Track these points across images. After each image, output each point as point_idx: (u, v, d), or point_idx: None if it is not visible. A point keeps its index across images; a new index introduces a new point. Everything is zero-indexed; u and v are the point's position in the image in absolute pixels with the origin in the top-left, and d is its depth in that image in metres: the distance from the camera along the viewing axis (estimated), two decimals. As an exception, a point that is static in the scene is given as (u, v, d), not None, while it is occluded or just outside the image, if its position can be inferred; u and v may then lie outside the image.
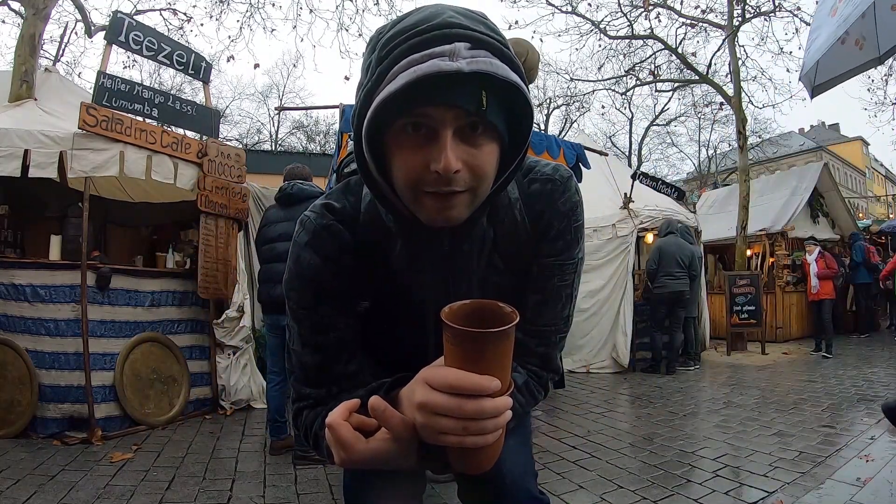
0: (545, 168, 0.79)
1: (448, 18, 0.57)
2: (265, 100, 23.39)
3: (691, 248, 5.89)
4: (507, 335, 0.52)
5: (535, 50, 3.61)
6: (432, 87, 0.54)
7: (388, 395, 0.61)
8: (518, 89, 0.58)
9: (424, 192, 0.60)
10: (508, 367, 0.54)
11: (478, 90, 0.56)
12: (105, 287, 3.53)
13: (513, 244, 0.77)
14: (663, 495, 2.39)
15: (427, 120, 0.57)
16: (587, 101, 17.24)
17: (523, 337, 0.77)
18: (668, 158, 24.76)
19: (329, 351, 0.74)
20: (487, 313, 0.55)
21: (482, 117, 0.58)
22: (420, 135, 0.59)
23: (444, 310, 0.54)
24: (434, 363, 0.56)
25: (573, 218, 0.78)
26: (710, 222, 9.18)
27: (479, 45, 0.56)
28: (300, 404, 0.77)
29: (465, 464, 0.60)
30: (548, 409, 4.13)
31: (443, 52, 0.54)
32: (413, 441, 0.56)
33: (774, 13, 9.73)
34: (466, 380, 0.50)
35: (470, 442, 0.52)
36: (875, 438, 3.08)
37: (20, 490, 2.41)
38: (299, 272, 0.73)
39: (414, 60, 0.54)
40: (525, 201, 0.77)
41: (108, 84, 3.58)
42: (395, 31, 0.58)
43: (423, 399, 0.52)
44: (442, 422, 0.52)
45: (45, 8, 4.48)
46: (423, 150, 0.59)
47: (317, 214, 0.75)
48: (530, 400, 0.79)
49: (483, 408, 0.50)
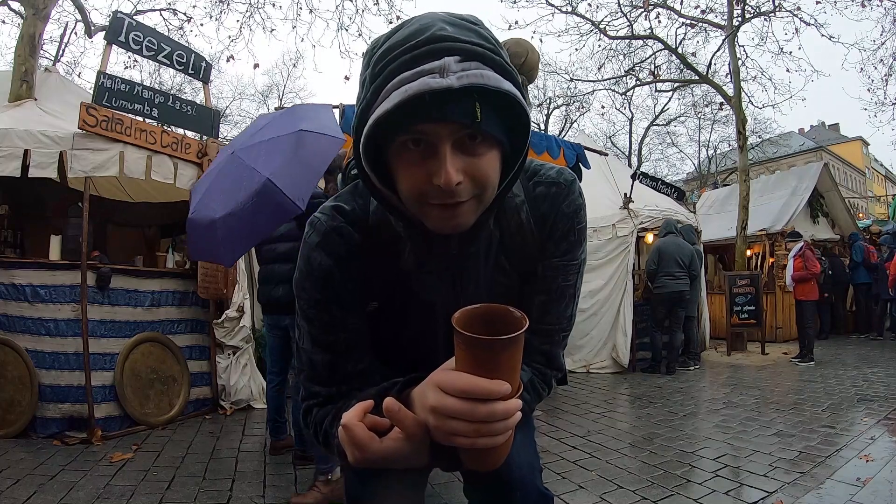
0: (550, 171, 0.81)
1: (437, 32, 0.56)
2: (265, 100, 23.36)
3: (691, 248, 5.89)
4: (517, 341, 0.53)
5: (535, 50, 3.61)
6: (425, 104, 0.54)
7: (400, 395, 0.62)
8: (514, 97, 0.58)
9: (430, 204, 0.62)
10: (518, 371, 0.55)
11: (471, 103, 0.56)
12: (105, 287, 3.53)
13: (518, 245, 0.78)
14: (663, 495, 2.39)
15: (425, 136, 0.58)
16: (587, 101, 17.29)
17: (528, 336, 0.77)
18: (668, 158, 24.70)
19: (338, 350, 0.76)
20: (497, 317, 0.56)
21: (478, 128, 0.58)
22: (420, 150, 0.59)
23: (455, 315, 0.54)
24: (444, 365, 0.57)
25: (577, 220, 0.79)
26: (710, 222, 9.18)
27: (470, 56, 0.56)
28: (310, 402, 0.78)
29: (476, 462, 0.61)
30: (548, 409, 4.13)
31: (432, 69, 0.54)
32: (425, 441, 0.58)
33: (774, 13, 9.74)
34: (478, 385, 0.51)
35: (481, 443, 0.54)
36: (875, 438, 3.08)
37: (20, 490, 2.41)
38: (310, 272, 0.74)
39: (405, 79, 0.55)
40: (530, 204, 0.78)
41: (108, 84, 3.58)
42: (386, 46, 0.59)
43: (436, 403, 0.54)
44: (454, 424, 0.53)
45: (45, 8, 4.48)
46: (424, 165, 0.59)
47: (327, 216, 0.76)
48: (535, 397, 0.81)
49: (494, 411, 0.52)
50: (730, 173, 20.61)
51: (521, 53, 3.44)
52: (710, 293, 8.06)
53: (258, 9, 8.86)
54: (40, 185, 3.97)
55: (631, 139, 22.50)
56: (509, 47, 3.48)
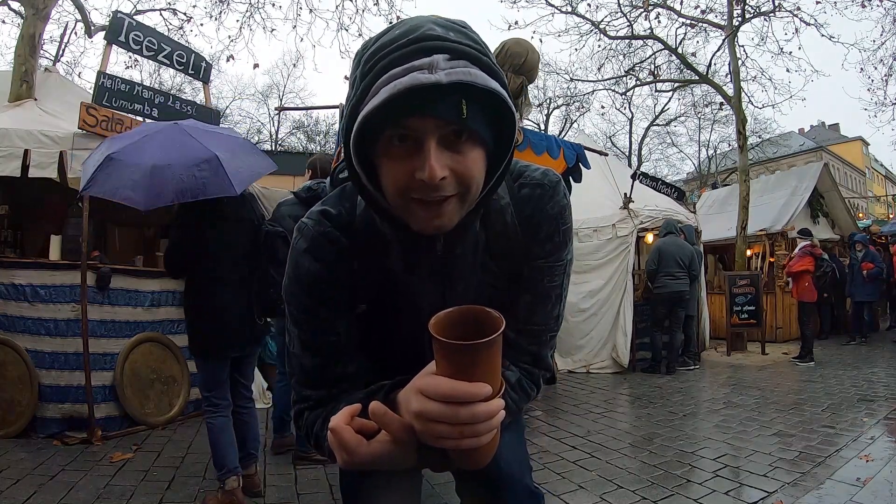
0: (535, 173, 0.81)
1: (427, 31, 0.58)
2: (265, 100, 23.39)
3: (691, 248, 5.90)
4: (493, 343, 0.53)
5: (535, 50, 3.61)
6: (414, 99, 0.56)
7: (387, 398, 0.63)
8: (500, 95, 0.60)
9: (413, 200, 0.62)
10: (498, 371, 0.56)
11: (458, 99, 0.58)
12: (105, 287, 3.52)
13: (504, 247, 0.79)
14: (663, 495, 2.39)
15: (411, 131, 0.59)
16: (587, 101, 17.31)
17: (516, 336, 0.80)
18: (668, 158, 24.73)
19: (328, 354, 0.76)
20: (475, 318, 0.57)
21: (464, 125, 0.59)
22: (406, 145, 0.60)
23: (432, 321, 0.55)
24: (427, 369, 0.58)
25: (561, 221, 0.80)
26: (710, 222, 9.18)
27: (458, 55, 0.58)
28: (301, 406, 0.79)
29: (464, 461, 0.62)
30: (548, 409, 4.13)
31: (422, 65, 0.56)
32: (412, 442, 0.59)
33: (774, 13, 9.75)
34: (459, 389, 0.52)
35: (466, 444, 0.55)
36: (875, 438, 3.08)
37: (20, 490, 2.41)
38: (298, 278, 0.75)
39: (395, 74, 0.56)
40: (515, 205, 0.79)
41: (108, 84, 3.58)
42: (377, 46, 0.60)
43: (419, 408, 0.55)
44: (438, 428, 0.54)
45: (45, 8, 4.48)
46: (409, 160, 0.60)
47: (314, 221, 0.76)
48: (523, 397, 0.82)
49: (476, 413, 0.53)
50: (730, 173, 20.62)
51: (521, 53, 3.44)
52: (710, 293, 8.06)
53: (258, 9, 8.86)
54: (40, 185, 3.97)
55: (631, 139, 22.53)
56: (509, 47, 3.48)
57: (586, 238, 5.92)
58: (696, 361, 6.09)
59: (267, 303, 2.39)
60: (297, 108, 21.43)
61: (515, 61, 3.54)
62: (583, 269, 5.80)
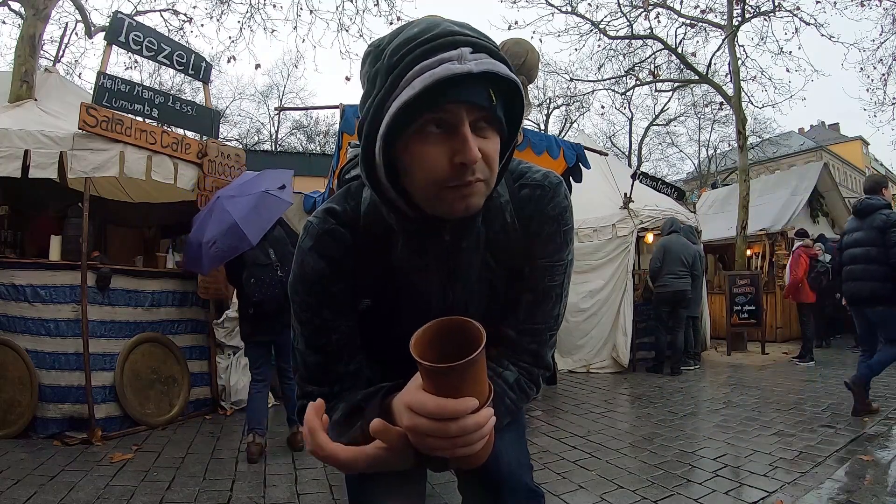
0: (535, 174, 0.82)
1: (447, 28, 0.62)
2: (265, 100, 23.41)
3: (694, 247, 5.89)
4: (476, 361, 0.52)
5: (534, 50, 3.60)
6: (448, 87, 0.59)
7: (384, 402, 0.66)
8: (515, 88, 0.64)
9: (447, 188, 0.64)
10: (484, 381, 0.57)
11: (486, 88, 0.62)
12: (105, 287, 3.53)
13: (503, 244, 0.80)
14: (663, 495, 2.39)
15: (449, 115, 0.62)
16: (587, 101, 17.32)
17: (516, 335, 0.81)
18: (668, 158, 24.73)
19: (331, 352, 0.78)
20: (456, 331, 0.56)
21: (492, 112, 0.63)
22: (441, 132, 0.63)
23: (412, 341, 0.55)
24: (416, 382, 0.59)
25: (562, 222, 0.81)
26: (710, 222, 9.17)
27: (479, 49, 0.62)
28: (304, 401, 0.80)
29: (461, 462, 0.63)
30: (548, 409, 4.13)
31: (451, 57, 0.59)
32: (410, 447, 0.60)
33: (774, 13, 9.75)
34: (446, 407, 0.54)
35: (460, 453, 0.57)
36: (875, 438, 3.08)
37: (20, 490, 2.41)
38: (303, 276, 0.76)
39: (427, 66, 0.59)
40: (515, 205, 0.81)
41: (108, 84, 3.58)
42: (399, 41, 0.63)
43: (410, 424, 0.57)
44: (431, 442, 0.56)
45: (45, 8, 4.48)
46: (444, 146, 0.63)
47: (319, 220, 0.78)
48: (522, 396, 0.82)
49: (465, 426, 0.55)
50: (730, 173, 20.61)
51: (520, 53, 3.43)
52: (711, 293, 8.05)
53: (258, 9, 8.87)
54: (40, 186, 3.97)
55: (631, 139, 22.52)
56: (509, 47, 3.48)
57: (586, 238, 5.92)
58: (696, 361, 6.09)
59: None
60: (296, 109, 21.42)
61: (515, 61, 3.53)
62: (583, 268, 5.80)
